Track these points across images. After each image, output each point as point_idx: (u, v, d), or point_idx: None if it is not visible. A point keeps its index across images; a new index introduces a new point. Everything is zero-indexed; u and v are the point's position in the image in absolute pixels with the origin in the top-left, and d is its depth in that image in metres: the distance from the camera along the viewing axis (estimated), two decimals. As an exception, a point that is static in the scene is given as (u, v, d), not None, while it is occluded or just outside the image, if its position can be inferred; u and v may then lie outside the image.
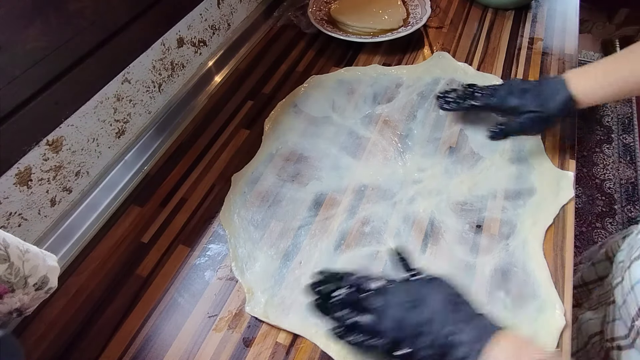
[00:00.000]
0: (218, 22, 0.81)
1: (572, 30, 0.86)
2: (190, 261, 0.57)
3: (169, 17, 0.68)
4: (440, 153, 0.65)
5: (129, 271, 0.56)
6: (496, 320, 0.39)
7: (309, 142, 0.68)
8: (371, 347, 0.40)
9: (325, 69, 0.82)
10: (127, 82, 0.64)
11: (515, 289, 0.51)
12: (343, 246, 0.56)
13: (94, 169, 0.63)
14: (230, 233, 0.58)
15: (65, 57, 0.51)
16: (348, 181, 0.63)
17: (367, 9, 0.88)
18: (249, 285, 0.53)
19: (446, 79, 0.77)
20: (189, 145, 0.70)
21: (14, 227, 0.53)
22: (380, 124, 0.70)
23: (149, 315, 0.52)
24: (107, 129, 0.63)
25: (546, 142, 0.65)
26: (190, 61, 0.77)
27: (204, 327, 0.51)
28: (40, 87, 0.49)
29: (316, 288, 0.45)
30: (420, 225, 0.57)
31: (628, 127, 1.84)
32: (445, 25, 0.90)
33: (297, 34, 0.90)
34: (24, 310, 0.37)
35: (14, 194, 0.52)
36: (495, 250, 0.54)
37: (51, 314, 0.52)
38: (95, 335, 0.51)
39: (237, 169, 0.66)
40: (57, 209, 0.59)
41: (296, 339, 0.49)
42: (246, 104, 0.76)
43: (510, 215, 0.57)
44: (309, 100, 0.75)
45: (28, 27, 0.46)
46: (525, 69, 0.78)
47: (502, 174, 0.62)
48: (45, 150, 0.54)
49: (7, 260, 0.34)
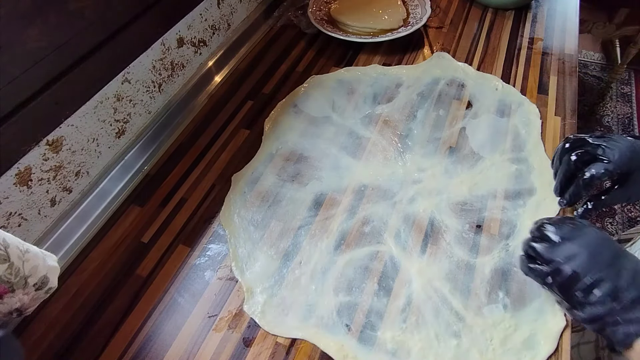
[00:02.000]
0: (218, 22, 0.81)
1: (572, 30, 0.86)
2: (190, 261, 0.57)
3: (169, 17, 0.68)
4: (440, 153, 0.65)
5: (129, 271, 0.56)
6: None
7: (309, 142, 0.68)
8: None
9: (325, 69, 0.82)
10: (127, 82, 0.64)
11: (515, 289, 0.51)
12: (343, 246, 0.56)
13: (94, 169, 0.63)
14: (230, 233, 0.58)
15: (65, 57, 0.51)
16: (348, 181, 0.63)
17: (367, 9, 0.88)
18: (248, 285, 0.53)
19: (446, 79, 0.77)
20: (189, 145, 0.70)
21: (14, 227, 0.53)
22: (380, 124, 0.70)
23: (149, 315, 0.52)
24: (107, 129, 0.63)
25: (546, 142, 0.65)
26: (190, 61, 0.77)
27: (204, 327, 0.51)
28: (40, 87, 0.49)
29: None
30: (420, 225, 0.57)
31: (628, 127, 1.84)
32: (445, 25, 0.90)
33: (297, 34, 0.90)
34: (24, 310, 0.37)
35: (14, 194, 0.52)
36: (495, 250, 0.54)
37: (51, 314, 0.52)
38: (95, 335, 0.51)
39: (237, 169, 0.66)
40: (57, 209, 0.59)
41: (296, 339, 0.49)
42: (246, 104, 0.76)
43: (510, 215, 0.57)
44: (309, 100, 0.75)
45: (28, 27, 0.46)
46: (525, 69, 0.78)
47: (502, 174, 0.62)
48: (45, 150, 0.54)
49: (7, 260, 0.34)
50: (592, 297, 0.40)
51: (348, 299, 0.51)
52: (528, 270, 0.45)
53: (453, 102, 0.73)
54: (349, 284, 0.53)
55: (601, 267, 0.40)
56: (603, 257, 0.40)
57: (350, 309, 0.51)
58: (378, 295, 0.51)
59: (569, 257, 0.41)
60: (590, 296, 0.40)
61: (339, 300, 0.51)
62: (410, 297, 0.51)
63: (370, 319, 0.50)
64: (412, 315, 0.49)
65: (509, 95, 0.73)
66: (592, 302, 0.40)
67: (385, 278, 0.53)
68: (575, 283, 0.41)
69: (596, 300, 0.39)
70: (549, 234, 0.44)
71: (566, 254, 0.42)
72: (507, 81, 0.75)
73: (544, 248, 0.43)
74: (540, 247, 0.44)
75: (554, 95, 0.73)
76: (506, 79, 0.76)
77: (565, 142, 0.50)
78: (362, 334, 0.49)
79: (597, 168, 0.46)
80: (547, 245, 0.43)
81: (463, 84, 0.76)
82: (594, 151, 0.47)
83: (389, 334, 0.48)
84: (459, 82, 0.76)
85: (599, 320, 0.40)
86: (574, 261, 0.41)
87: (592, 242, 0.42)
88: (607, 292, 0.39)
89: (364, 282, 0.53)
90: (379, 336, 0.48)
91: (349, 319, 0.50)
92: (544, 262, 0.43)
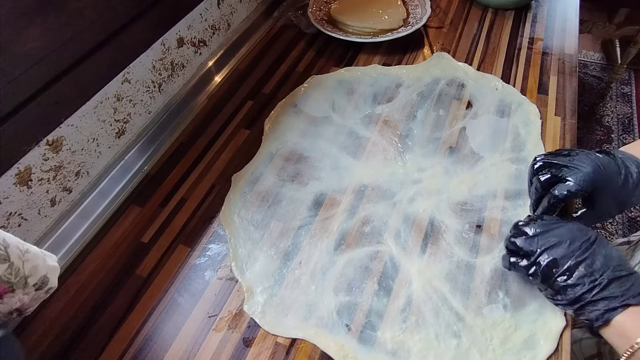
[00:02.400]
0: (218, 22, 0.81)
1: (572, 30, 0.86)
2: (190, 261, 0.57)
3: (169, 17, 0.68)
4: (440, 153, 0.65)
5: (129, 271, 0.56)
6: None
7: (309, 142, 0.68)
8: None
9: (325, 69, 0.82)
10: (127, 82, 0.64)
11: (515, 289, 0.51)
12: (343, 246, 0.56)
13: (94, 169, 0.63)
14: (230, 233, 0.58)
15: (65, 57, 0.51)
16: (348, 181, 0.63)
17: (367, 9, 0.88)
18: (248, 285, 0.53)
19: (446, 79, 0.77)
20: (189, 145, 0.70)
21: (14, 227, 0.53)
22: (380, 124, 0.70)
23: (149, 315, 0.52)
24: (107, 129, 0.63)
25: (546, 142, 0.65)
26: (190, 61, 0.77)
27: (204, 327, 0.51)
28: (40, 87, 0.49)
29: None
30: (420, 225, 0.57)
31: (628, 127, 1.84)
32: (445, 25, 0.90)
33: (297, 34, 0.90)
34: (24, 310, 0.37)
35: (14, 194, 0.52)
36: (495, 250, 0.54)
37: (51, 314, 0.52)
38: (95, 335, 0.51)
39: (237, 169, 0.66)
40: (57, 209, 0.59)
41: (296, 339, 0.49)
42: (246, 104, 0.76)
43: (510, 215, 0.57)
44: (309, 100, 0.75)
45: (28, 27, 0.46)
46: (525, 69, 0.78)
47: (502, 174, 0.62)
48: (45, 150, 0.54)
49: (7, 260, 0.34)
50: (571, 280, 0.43)
51: (348, 299, 0.51)
52: (510, 264, 0.48)
53: (453, 102, 0.73)
54: (349, 284, 0.53)
55: (577, 253, 0.43)
56: (577, 244, 0.44)
57: (350, 309, 0.51)
58: (378, 295, 0.51)
59: (547, 246, 0.45)
60: (569, 279, 0.43)
61: (339, 300, 0.51)
62: (410, 297, 0.51)
63: (370, 319, 0.50)
64: (412, 316, 0.49)
65: (509, 95, 0.73)
66: (571, 284, 0.43)
67: (385, 278, 0.53)
68: (555, 269, 0.44)
69: (575, 283, 0.43)
70: (526, 229, 0.47)
71: (543, 244, 0.45)
72: (507, 81, 0.75)
73: (523, 241, 0.46)
74: (520, 240, 0.47)
75: (554, 95, 0.73)
76: (506, 79, 0.76)
77: (533, 162, 0.51)
78: (362, 334, 0.49)
79: (560, 189, 0.47)
80: (525, 238, 0.46)
81: (463, 84, 0.76)
82: (558, 172, 0.49)
83: (389, 334, 0.48)
84: (459, 82, 0.76)
85: (579, 302, 0.43)
86: (551, 250, 0.44)
87: (566, 232, 0.45)
88: (584, 274, 0.42)
89: (364, 282, 0.53)
90: (379, 336, 0.48)
91: (349, 319, 0.50)
92: (524, 255, 0.46)
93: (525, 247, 0.46)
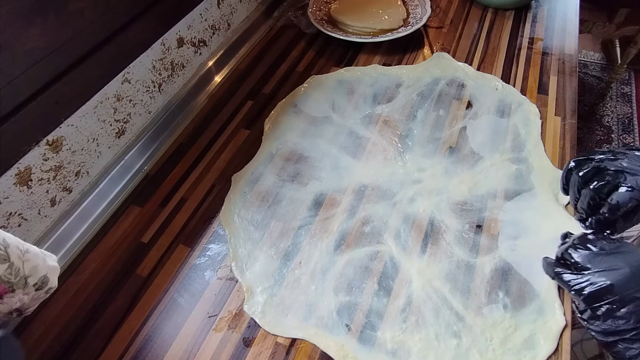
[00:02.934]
0: (218, 22, 0.81)
1: (572, 30, 0.86)
2: (190, 261, 0.57)
3: (169, 17, 0.68)
4: (440, 153, 0.65)
5: (129, 271, 0.56)
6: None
7: (309, 142, 0.68)
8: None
9: (325, 69, 0.82)
10: (127, 82, 0.64)
11: (515, 289, 0.51)
12: (343, 246, 0.56)
13: (94, 169, 0.63)
14: (230, 233, 0.58)
15: (65, 57, 0.51)
16: (348, 181, 0.63)
17: (367, 9, 0.88)
18: (248, 285, 0.53)
19: (446, 79, 0.77)
20: (189, 145, 0.70)
21: (14, 227, 0.53)
22: (380, 124, 0.70)
23: (149, 315, 0.52)
24: (107, 129, 0.63)
25: (546, 142, 0.65)
26: (190, 61, 0.77)
27: (204, 327, 0.51)
28: (40, 87, 0.49)
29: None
30: (420, 225, 0.57)
31: (628, 127, 1.84)
32: (445, 25, 0.90)
33: (297, 34, 0.90)
34: (24, 310, 0.37)
35: (14, 194, 0.52)
36: (495, 250, 0.54)
37: (51, 314, 0.52)
38: (95, 335, 0.51)
39: (237, 169, 0.66)
40: (57, 209, 0.59)
41: (296, 339, 0.49)
42: (246, 104, 0.76)
43: (511, 215, 0.57)
44: (309, 100, 0.75)
45: (28, 27, 0.46)
46: (525, 69, 0.78)
47: (502, 174, 0.62)
48: (45, 150, 0.54)
49: (7, 260, 0.34)
50: (619, 312, 0.40)
51: (348, 299, 0.51)
52: (554, 274, 0.46)
53: (453, 102, 0.73)
54: (349, 284, 0.53)
55: (638, 286, 0.40)
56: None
57: (350, 309, 0.51)
58: (378, 295, 0.51)
59: (609, 269, 0.42)
60: (616, 311, 0.40)
61: (339, 300, 0.51)
62: (410, 297, 0.51)
63: (370, 319, 0.50)
64: (412, 316, 0.49)
65: (509, 95, 0.73)
66: (617, 316, 0.40)
67: (385, 278, 0.53)
68: (608, 295, 0.41)
69: (621, 315, 0.40)
70: (591, 245, 0.45)
71: (607, 266, 0.42)
72: (507, 81, 0.75)
73: (583, 257, 0.44)
74: (579, 254, 0.45)
75: (554, 95, 0.73)
76: (506, 79, 0.76)
77: (577, 169, 0.49)
78: (362, 334, 0.49)
79: (622, 198, 0.45)
80: (587, 254, 0.44)
81: (463, 84, 0.76)
82: (615, 180, 0.47)
83: (389, 334, 0.48)
84: (459, 82, 0.76)
85: (615, 335, 0.40)
86: (612, 274, 0.42)
87: (635, 261, 0.42)
88: (634, 310, 0.40)
89: (364, 282, 0.53)
90: (379, 336, 0.48)
91: (349, 319, 0.50)
92: (577, 269, 0.44)
93: (583, 262, 0.44)
